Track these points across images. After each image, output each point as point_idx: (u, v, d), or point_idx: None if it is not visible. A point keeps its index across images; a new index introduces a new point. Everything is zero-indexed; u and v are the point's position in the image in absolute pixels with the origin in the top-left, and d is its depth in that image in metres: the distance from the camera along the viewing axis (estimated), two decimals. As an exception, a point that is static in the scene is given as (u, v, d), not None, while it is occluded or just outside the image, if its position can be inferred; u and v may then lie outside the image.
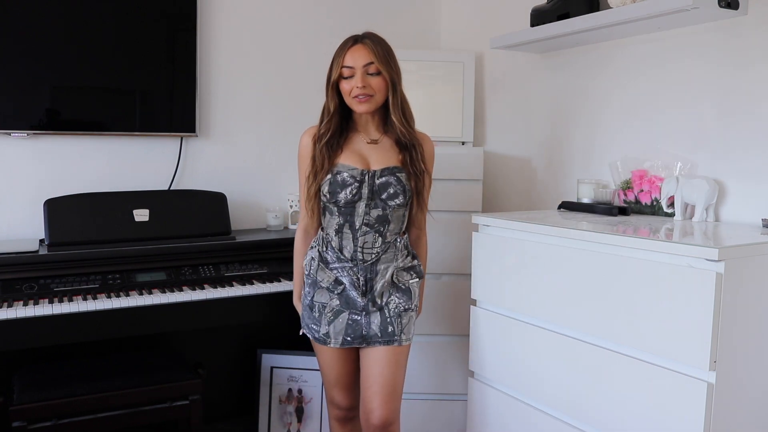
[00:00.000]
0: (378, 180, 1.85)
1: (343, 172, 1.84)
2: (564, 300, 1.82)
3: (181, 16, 2.55)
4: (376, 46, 1.82)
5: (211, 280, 2.32)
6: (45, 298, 2.08)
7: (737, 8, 1.86)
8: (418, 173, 1.89)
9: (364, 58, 1.81)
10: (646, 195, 2.14)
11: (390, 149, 1.90)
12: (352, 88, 1.81)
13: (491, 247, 2.06)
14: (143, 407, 2.14)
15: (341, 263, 1.87)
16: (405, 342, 1.90)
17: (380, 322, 1.87)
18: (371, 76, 1.82)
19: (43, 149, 2.42)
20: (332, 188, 1.84)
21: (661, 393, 1.57)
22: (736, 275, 1.48)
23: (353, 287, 1.86)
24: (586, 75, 2.43)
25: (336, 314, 1.88)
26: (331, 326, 1.89)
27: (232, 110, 2.73)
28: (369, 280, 1.87)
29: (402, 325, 1.89)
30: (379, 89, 1.83)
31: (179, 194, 2.51)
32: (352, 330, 1.88)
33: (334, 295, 1.88)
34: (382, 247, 1.87)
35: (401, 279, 1.91)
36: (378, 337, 1.88)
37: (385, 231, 1.87)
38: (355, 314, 1.88)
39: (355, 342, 1.89)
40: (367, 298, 1.86)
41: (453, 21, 3.10)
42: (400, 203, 1.87)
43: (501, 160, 2.83)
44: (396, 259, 1.89)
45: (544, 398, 1.89)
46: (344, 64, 1.82)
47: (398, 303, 1.89)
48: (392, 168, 1.87)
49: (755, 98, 1.89)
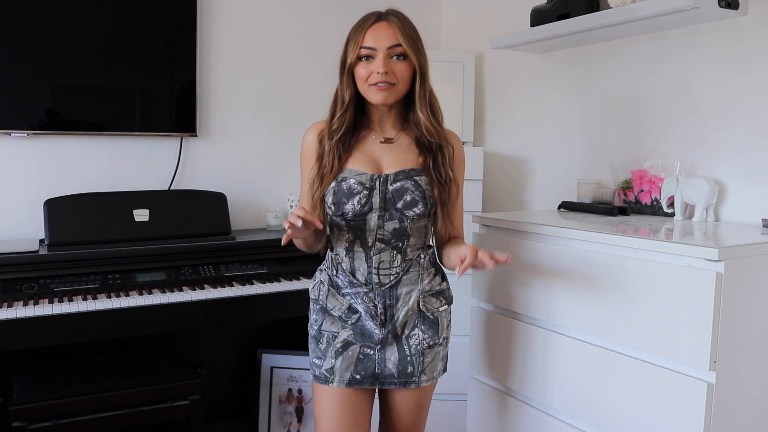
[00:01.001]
0: (391, 186, 1.54)
1: (350, 178, 1.54)
2: (564, 300, 1.82)
3: (181, 16, 2.55)
4: (403, 24, 1.53)
5: (211, 280, 2.32)
6: (45, 298, 2.08)
7: (737, 8, 1.86)
8: (443, 181, 1.57)
9: (389, 39, 1.51)
10: (646, 195, 2.14)
11: (407, 149, 1.60)
12: (371, 74, 1.51)
13: (491, 247, 2.06)
14: (143, 407, 2.14)
15: (354, 288, 1.57)
16: (425, 383, 1.61)
17: (398, 359, 1.57)
18: (395, 60, 1.52)
19: (43, 149, 2.42)
20: (337, 198, 1.54)
21: (661, 393, 1.57)
22: (736, 275, 1.48)
23: (369, 316, 1.56)
24: (586, 75, 2.43)
25: (345, 346, 1.57)
26: (338, 360, 1.56)
27: (232, 110, 2.73)
28: (389, 307, 1.56)
29: (424, 365, 1.59)
30: (403, 77, 1.53)
31: (179, 194, 2.51)
32: (363, 366, 1.56)
33: (347, 325, 1.58)
34: (402, 267, 1.57)
35: (429, 307, 1.60)
36: (394, 377, 1.57)
37: (404, 247, 1.57)
38: (368, 347, 1.57)
39: (365, 382, 1.57)
40: (386, 330, 1.56)
41: (453, 21, 3.10)
42: (420, 213, 1.55)
43: (501, 160, 2.83)
44: (421, 281, 1.59)
45: (544, 398, 1.89)
46: (364, 44, 1.51)
47: (422, 338, 1.58)
48: (408, 171, 1.56)
49: (755, 98, 1.89)
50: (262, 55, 2.78)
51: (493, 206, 2.84)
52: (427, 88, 1.57)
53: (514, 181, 2.78)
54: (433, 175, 1.56)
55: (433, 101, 1.59)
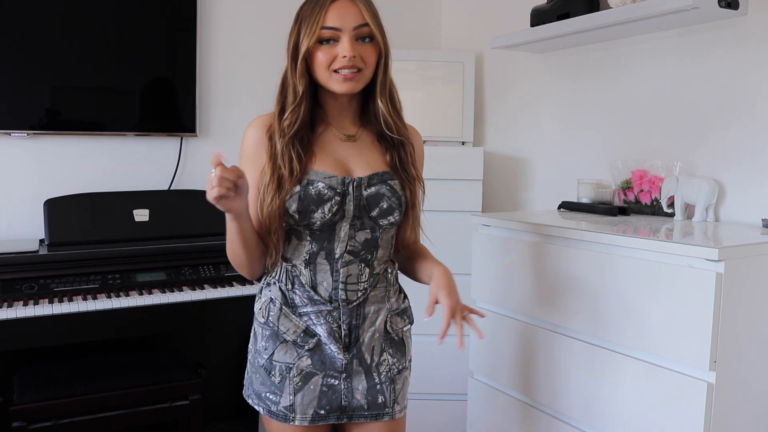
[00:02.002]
0: (366, 191, 1.36)
1: (317, 182, 1.32)
2: (564, 300, 1.82)
3: (181, 16, 2.55)
4: (366, 2, 1.34)
5: (211, 280, 2.32)
6: (45, 298, 2.08)
7: (737, 8, 1.86)
8: (410, 179, 1.40)
9: (356, 17, 1.30)
10: (646, 195, 2.14)
11: (372, 148, 1.41)
12: (335, 58, 1.30)
13: (491, 247, 2.06)
14: (143, 407, 2.14)
15: (315, 306, 1.36)
16: (399, 414, 1.43)
17: (366, 388, 1.39)
18: (361, 42, 1.32)
19: (43, 149, 2.42)
20: (303, 205, 1.32)
21: (661, 393, 1.57)
22: (736, 275, 1.48)
23: (332, 339, 1.36)
24: (586, 75, 2.43)
25: (306, 379, 1.36)
26: (299, 396, 1.36)
27: (232, 110, 2.73)
28: (354, 328, 1.37)
29: (396, 393, 1.42)
30: (370, 62, 1.33)
31: (179, 194, 2.51)
32: (328, 400, 1.37)
33: (303, 351, 1.36)
34: (370, 282, 1.38)
35: (395, 327, 1.43)
36: (364, 409, 1.39)
37: (372, 259, 1.38)
38: (331, 377, 1.37)
39: (331, 417, 1.38)
40: (350, 354, 1.37)
41: (453, 21, 3.10)
42: (394, 221, 1.39)
43: (501, 160, 2.83)
44: (388, 299, 1.42)
45: (544, 398, 1.89)
46: (326, 24, 1.29)
47: (392, 363, 1.42)
48: (382, 174, 1.38)
49: (755, 98, 1.89)
50: (262, 55, 2.78)
51: (493, 206, 2.84)
52: (389, 74, 1.39)
53: (514, 181, 2.78)
54: (401, 174, 1.40)
55: (393, 90, 1.41)
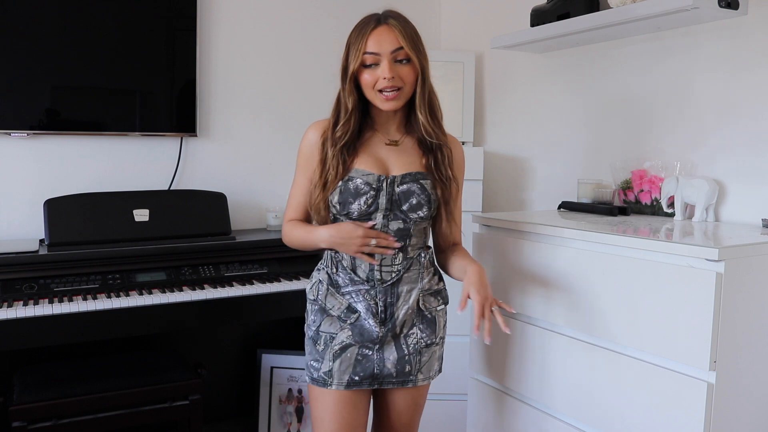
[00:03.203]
0: (398, 188, 1.56)
1: (356, 178, 1.54)
2: (564, 300, 1.82)
3: (181, 16, 2.55)
4: (404, 26, 1.52)
5: (211, 280, 2.32)
6: (45, 298, 2.08)
7: (737, 8, 1.86)
8: (444, 180, 1.59)
9: (392, 43, 1.50)
10: (646, 195, 2.14)
11: (412, 151, 1.61)
12: (378, 80, 1.51)
13: (491, 247, 2.06)
14: (143, 407, 2.14)
15: (355, 286, 1.57)
16: (422, 382, 1.63)
17: (396, 358, 1.58)
18: (399, 64, 1.51)
19: (43, 149, 2.42)
20: (343, 198, 1.54)
21: (661, 393, 1.57)
22: (736, 275, 1.48)
23: (370, 314, 1.56)
24: (586, 75, 2.43)
25: (343, 348, 1.57)
26: (336, 362, 1.56)
27: (232, 110, 2.73)
28: (389, 305, 1.57)
29: (421, 363, 1.61)
30: (409, 80, 1.53)
31: (179, 194, 2.51)
32: (362, 368, 1.57)
33: (345, 325, 1.58)
34: (404, 264, 1.58)
35: (428, 305, 1.62)
36: (392, 377, 1.59)
37: (406, 245, 1.59)
38: (366, 348, 1.57)
39: (364, 383, 1.57)
40: (386, 328, 1.57)
41: (453, 21, 3.10)
42: (423, 215, 1.58)
43: (501, 160, 2.83)
44: (421, 279, 1.60)
45: (545, 398, 1.89)
46: (367, 50, 1.50)
47: (420, 337, 1.60)
48: (415, 174, 1.58)
49: (755, 98, 1.89)
50: (262, 55, 2.78)
51: (493, 206, 2.84)
52: (428, 88, 1.57)
53: (514, 181, 2.78)
54: (436, 174, 1.59)
55: (432, 101, 1.59)
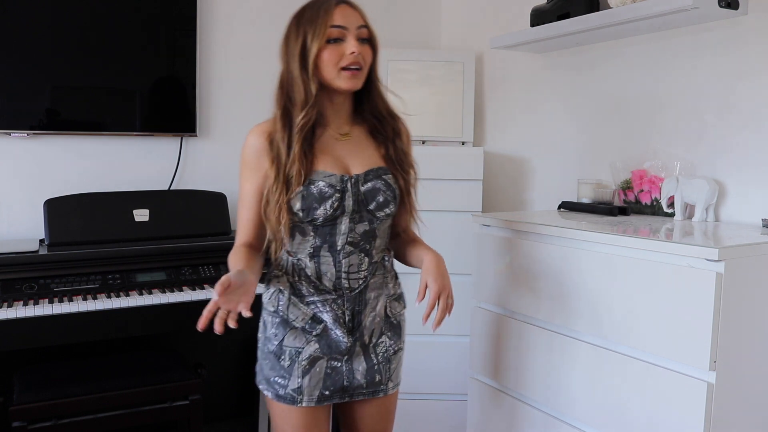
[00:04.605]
0: (363, 187, 1.47)
1: (318, 180, 1.43)
2: (564, 300, 1.82)
3: (181, 16, 2.55)
4: (361, 7, 1.47)
5: (211, 280, 2.32)
6: (45, 298, 2.08)
7: (737, 8, 1.86)
8: (405, 167, 1.52)
9: (356, 19, 1.42)
10: (646, 195, 2.14)
11: (365, 144, 1.52)
12: (342, 56, 1.40)
13: (491, 247, 2.06)
14: (143, 407, 2.14)
15: (321, 295, 1.48)
16: (392, 390, 1.58)
17: (366, 369, 1.51)
18: (361, 43, 1.43)
19: (43, 149, 2.42)
20: (306, 204, 1.43)
21: (661, 393, 1.57)
22: (736, 275, 1.48)
23: (337, 325, 1.47)
24: (585, 75, 2.43)
25: (312, 362, 1.47)
26: (306, 378, 1.47)
27: (232, 110, 2.73)
28: (356, 314, 1.49)
29: (390, 372, 1.56)
30: (368, 62, 1.45)
31: (179, 194, 2.51)
32: (332, 381, 1.48)
33: (312, 337, 1.48)
34: (370, 269, 1.50)
35: (394, 312, 1.57)
36: (363, 388, 1.52)
37: (371, 249, 1.50)
38: (334, 360, 1.49)
39: (334, 396, 1.49)
40: (353, 338, 1.49)
41: (453, 21, 3.10)
42: (390, 212, 1.50)
43: (501, 160, 2.83)
44: (386, 285, 1.55)
45: (544, 398, 1.89)
46: (333, 23, 1.39)
47: (389, 345, 1.55)
48: (377, 170, 1.50)
49: (755, 98, 1.89)
50: (262, 55, 2.77)
51: (493, 206, 2.84)
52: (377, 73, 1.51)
53: (514, 181, 2.78)
54: (396, 164, 1.51)
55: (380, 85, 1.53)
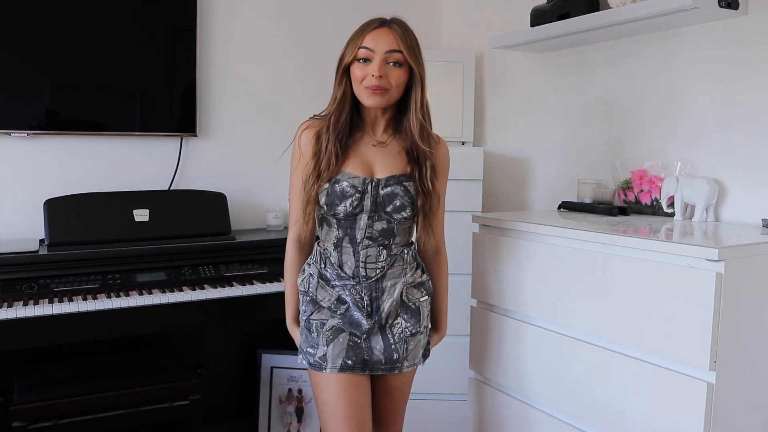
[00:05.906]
0: (382, 190, 1.61)
1: (343, 181, 1.59)
2: (564, 300, 1.82)
3: (181, 16, 2.55)
4: (404, 33, 1.57)
5: (211, 280, 2.32)
6: (45, 298, 2.08)
7: (737, 8, 1.86)
8: (426, 192, 1.63)
9: (388, 44, 1.55)
10: (646, 195, 2.14)
11: (397, 156, 1.65)
12: (366, 76, 1.55)
13: (491, 247, 2.06)
14: (143, 407, 2.14)
15: (342, 281, 1.63)
16: (408, 368, 1.68)
17: (383, 347, 1.64)
18: (391, 66, 1.56)
19: (43, 149, 2.42)
20: (329, 199, 1.59)
21: (661, 393, 1.57)
22: (736, 275, 1.48)
23: (357, 308, 1.63)
24: (585, 75, 2.43)
25: (335, 333, 1.63)
26: (330, 347, 1.61)
27: (232, 110, 2.73)
28: (374, 299, 1.63)
29: (407, 351, 1.67)
30: (397, 84, 1.57)
31: (179, 194, 2.51)
32: (354, 352, 1.62)
33: (336, 314, 1.64)
34: (388, 261, 1.63)
35: (411, 297, 1.68)
36: (381, 363, 1.65)
37: (390, 244, 1.64)
38: (356, 336, 1.63)
39: (357, 368, 1.63)
40: (372, 320, 1.63)
41: (453, 21, 3.10)
42: (407, 216, 1.62)
43: (501, 160, 2.83)
44: (404, 274, 1.66)
45: (544, 398, 1.89)
46: (363, 45, 1.55)
47: (405, 327, 1.66)
48: (399, 176, 1.62)
49: (756, 98, 1.89)
50: (262, 56, 2.78)
51: (493, 206, 2.84)
52: (424, 99, 1.62)
53: (514, 181, 2.78)
54: (419, 185, 1.62)
55: (426, 113, 1.64)
